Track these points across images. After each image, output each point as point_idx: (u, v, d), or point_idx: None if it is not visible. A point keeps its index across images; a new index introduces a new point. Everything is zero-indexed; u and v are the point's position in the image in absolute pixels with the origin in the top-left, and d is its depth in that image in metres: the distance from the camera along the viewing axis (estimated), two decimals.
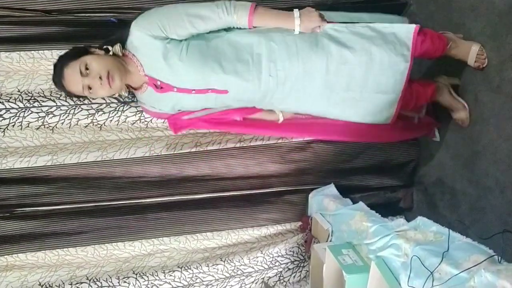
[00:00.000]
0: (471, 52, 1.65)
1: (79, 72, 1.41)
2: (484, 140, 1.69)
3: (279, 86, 1.54)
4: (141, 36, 1.44)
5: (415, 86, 1.67)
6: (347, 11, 1.71)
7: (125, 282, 1.79)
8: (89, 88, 1.43)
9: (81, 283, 1.77)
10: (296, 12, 1.45)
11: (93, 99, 1.76)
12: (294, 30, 1.47)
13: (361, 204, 1.65)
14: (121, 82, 1.46)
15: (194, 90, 1.52)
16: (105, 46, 1.49)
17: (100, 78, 1.41)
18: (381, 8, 1.98)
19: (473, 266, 1.03)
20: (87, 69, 1.41)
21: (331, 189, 1.91)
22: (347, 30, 1.53)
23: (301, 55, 1.49)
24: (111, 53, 1.48)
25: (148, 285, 1.80)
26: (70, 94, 1.52)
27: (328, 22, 1.51)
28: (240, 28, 1.49)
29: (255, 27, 1.49)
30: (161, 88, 1.51)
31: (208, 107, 1.63)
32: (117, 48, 1.48)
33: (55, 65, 1.48)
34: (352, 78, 1.56)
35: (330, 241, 1.69)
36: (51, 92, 1.75)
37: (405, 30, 1.54)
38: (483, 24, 1.66)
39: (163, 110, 1.63)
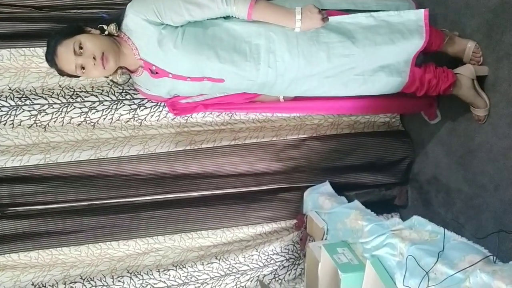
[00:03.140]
0: (467, 50, 1.64)
1: (72, 50, 1.36)
2: (479, 138, 1.70)
3: (278, 78, 1.51)
4: (136, 20, 1.39)
5: (429, 76, 1.60)
6: None
7: (119, 281, 1.77)
8: (82, 68, 1.38)
9: (75, 282, 1.76)
10: (298, 13, 1.38)
11: (89, 92, 1.75)
12: (294, 28, 1.42)
13: (356, 202, 1.64)
14: (115, 63, 1.41)
15: (189, 77, 1.49)
16: (100, 25, 1.44)
17: (94, 58, 1.36)
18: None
19: (468, 267, 1.03)
20: (81, 48, 1.36)
21: (326, 187, 1.91)
22: (349, 20, 1.48)
23: (302, 47, 1.44)
24: (106, 32, 1.44)
25: (143, 284, 1.79)
26: (62, 73, 1.45)
27: (329, 19, 1.44)
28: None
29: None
30: (156, 73, 1.48)
31: (205, 94, 1.62)
32: (112, 27, 1.43)
33: (49, 42, 1.42)
34: (356, 67, 1.53)
35: (326, 239, 1.69)
36: (43, 90, 1.73)
37: (414, 18, 1.50)
38: (478, 22, 1.65)
39: (159, 94, 1.61)
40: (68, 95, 1.74)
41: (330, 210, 1.70)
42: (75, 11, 1.75)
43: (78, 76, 1.48)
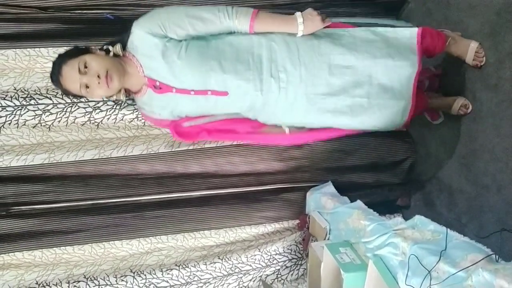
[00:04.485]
0: (470, 50, 1.65)
1: (77, 69, 1.39)
2: (481, 138, 1.70)
3: (281, 91, 1.51)
4: (141, 34, 1.44)
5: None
6: (347, 8, 1.73)
7: (122, 280, 1.78)
8: (86, 87, 1.41)
9: (79, 281, 1.76)
10: (299, 17, 1.45)
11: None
12: (297, 33, 1.48)
13: (358, 202, 1.64)
14: (119, 82, 1.44)
15: (193, 90, 1.50)
16: (105, 47, 1.48)
17: (99, 77, 1.39)
18: (380, 5, 1.98)
19: (470, 265, 1.03)
20: (85, 67, 1.39)
21: (329, 187, 1.91)
22: (348, 33, 1.53)
23: (303, 57, 1.48)
24: (111, 54, 1.47)
25: (146, 284, 1.80)
26: (67, 93, 1.49)
27: (330, 20, 1.51)
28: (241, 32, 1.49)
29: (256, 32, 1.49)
30: (160, 88, 1.50)
31: (209, 113, 1.61)
32: (118, 48, 1.47)
33: (54, 62, 1.46)
34: (356, 82, 1.54)
35: (328, 239, 1.69)
36: (47, 90, 1.74)
37: (408, 35, 1.53)
38: (481, 22, 1.65)
39: (162, 116, 1.61)
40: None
41: (333, 210, 1.70)
42: (79, 11, 1.76)
43: (82, 96, 1.51)
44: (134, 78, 1.50)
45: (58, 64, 1.43)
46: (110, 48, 1.48)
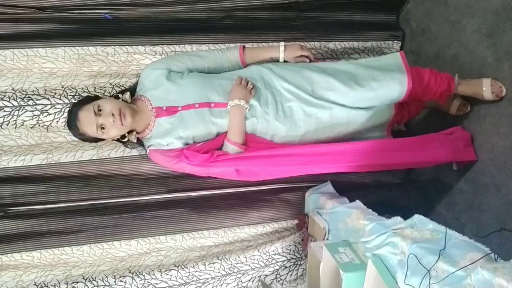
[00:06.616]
0: (485, 90, 1.62)
1: (93, 112, 1.50)
2: (480, 138, 1.70)
3: (278, 105, 1.59)
4: (148, 71, 1.64)
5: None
6: (345, 8, 1.77)
7: (121, 281, 1.77)
8: (102, 128, 1.50)
9: (77, 282, 1.76)
10: (281, 46, 1.68)
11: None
12: (279, 58, 1.68)
13: (357, 202, 1.64)
14: (131, 118, 1.53)
15: (197, 103, 1.58)
16: (115, 94, 1.66)
17: (113, 115, 1.49)
18: (380, 5, 1.99)
19: (469, 264, 1.03)
20: (100, 110, 1.50)
21: (328, 187, 1.91)
22: (330, 66, 1.68)
23: (282, 73, 1.63)
24: (120, 100, 1.60)
25: (145, 284, 1.79)
26: (84, 137, 1.58)
27: (310, 52, 1.69)
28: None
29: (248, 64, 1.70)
30: (167, 111, 1.59)
31: (218, 132, 1.62)
32: (127, 96, 1.61)
33: (70, 111, 1.59)
34: (345, 72, 1.60)
35: (327, 239, 1.69)
36: (45, 90, 1.74)
37: (391, 56, 1.65)
38: (479, 22, 1.66)
39: (170, 142, 1.60)
40: (70, 95, 1.74)
41: (332, 210, 1.70)
42: (78, 11, 1.76)
43: (98, 140, 1.62)
44: (144, 114, 1.59)
45: (75, 111, 1.55)
46: (120, 95, 1.61)
